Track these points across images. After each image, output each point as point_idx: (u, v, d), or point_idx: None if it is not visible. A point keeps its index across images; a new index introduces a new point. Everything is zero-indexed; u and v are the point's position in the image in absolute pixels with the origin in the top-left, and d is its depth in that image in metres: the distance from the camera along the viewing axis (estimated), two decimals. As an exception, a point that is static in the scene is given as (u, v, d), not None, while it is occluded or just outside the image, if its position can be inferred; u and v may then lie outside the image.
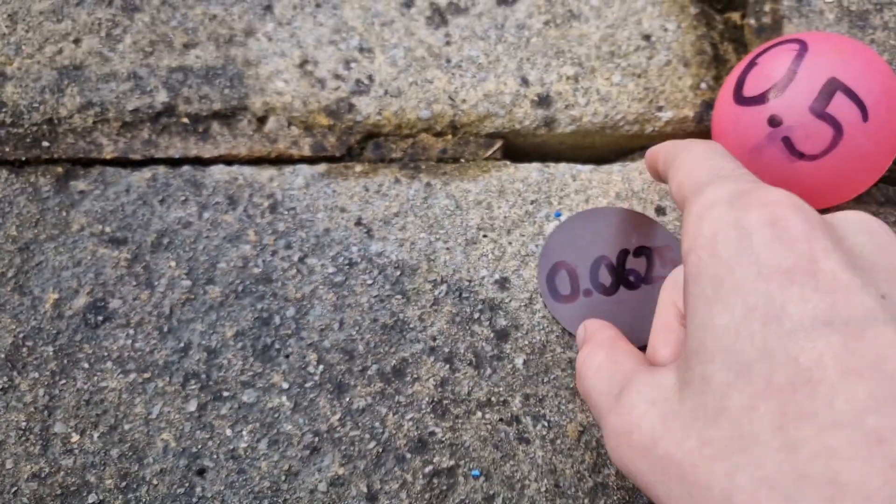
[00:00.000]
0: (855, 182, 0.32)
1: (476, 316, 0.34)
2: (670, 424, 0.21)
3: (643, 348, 0.33)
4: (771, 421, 0.18)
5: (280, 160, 0.38)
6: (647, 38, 0.40)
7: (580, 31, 0.40)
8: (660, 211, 0.35)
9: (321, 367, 0.33)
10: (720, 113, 0.33)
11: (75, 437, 0.31)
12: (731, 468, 0.18)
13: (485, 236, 0.35)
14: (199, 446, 0.31)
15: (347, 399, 0.32)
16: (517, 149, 0.39)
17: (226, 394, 0.32)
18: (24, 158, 0.37)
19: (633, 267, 0.34)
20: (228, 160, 0.38)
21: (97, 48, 0.39)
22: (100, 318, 0.34)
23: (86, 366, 0.33)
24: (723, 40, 0.41)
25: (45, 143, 0.37)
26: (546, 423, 0.32)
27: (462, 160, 0.38)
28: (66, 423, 0.32)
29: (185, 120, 0.38)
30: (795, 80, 0.30)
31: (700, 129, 0.38)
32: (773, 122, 0.30)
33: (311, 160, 0.38)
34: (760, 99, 0.31)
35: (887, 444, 0.16)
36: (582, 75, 0.39)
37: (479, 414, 0.32)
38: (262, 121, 0.38)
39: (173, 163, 0.38)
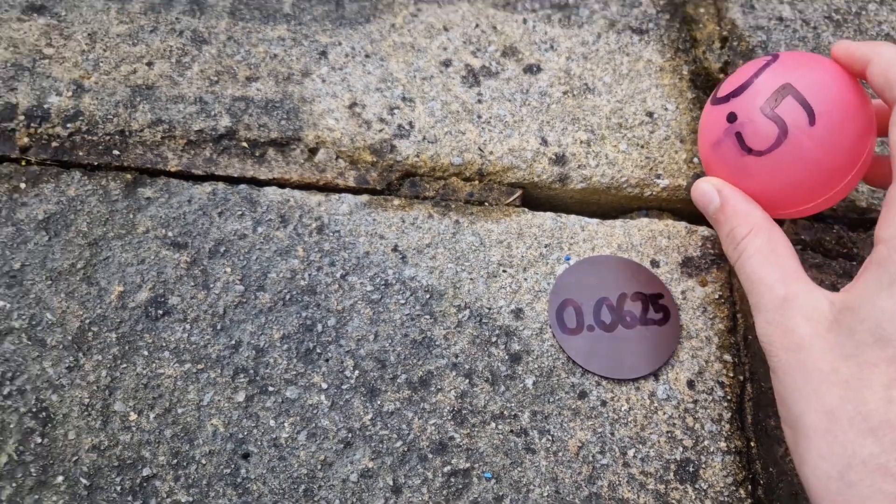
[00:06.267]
0: (801, 184, 0.34)
1: (493, 339, 0.39)
2: (815, 342, 0.28)
3: (636, 379, 0.38)
4: (884, 380, 0.26)
5: (327, 188, 0.43)
6: (650, 114, 0.46)
7: (594, 102, 0.46)
8: (654, 263, 0.41)
9: (356, 372, 0.37)
10: (703, 113, 0.37)
11: (133, 416, 0.35)
12: (845, 396, 0.26)
13: (504, 271, 0.40)
14: (245, 433, 0.35)
15: (379, 402, 0.36)
16: (533, 199, 0.45)
17: (271, 388, 0.36)
18: (96, 163, 0.41)
19: (629, 309, 0.40)
20: (281, 183, 0.42)
21: (168, 72, 0.44)
22: (160, 311, 0.37)
23: (145, 353, 0.36)
24: (712, 124, 0.47)
25: (116, 152, 0.41)
26: (550, 437, 0.37)
27: (486, 203, 0.43)
28: (126, 403, 0.35)
29: (245, 144, 0.43)
30: (754, 83, 0.34)
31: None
32: (730, 118, 0.35)
33: (354, 191, 0.43)
34: (725, 99, 0.35)
35: None
36: (594, 141, 0.45)
37: (493, 424, 0.37)
38: (313, 152, 0.43)
39: (231, 181, 0.42)
